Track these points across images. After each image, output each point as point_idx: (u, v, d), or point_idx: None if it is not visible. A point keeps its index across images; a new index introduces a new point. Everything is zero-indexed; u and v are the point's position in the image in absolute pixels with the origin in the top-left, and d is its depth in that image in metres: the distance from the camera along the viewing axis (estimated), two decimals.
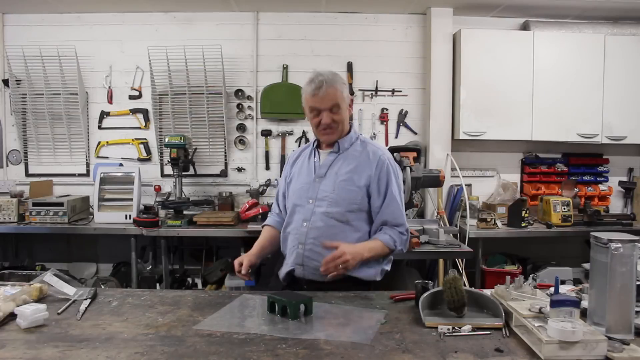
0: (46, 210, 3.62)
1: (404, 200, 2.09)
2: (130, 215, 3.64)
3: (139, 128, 4.22)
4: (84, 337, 1.43)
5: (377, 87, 4.22)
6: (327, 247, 1.84)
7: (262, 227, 2.24)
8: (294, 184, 2.08)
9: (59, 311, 1.63)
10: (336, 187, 1.95)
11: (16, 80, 4.09)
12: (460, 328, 1.46)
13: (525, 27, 4.14)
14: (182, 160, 3.73)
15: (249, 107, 4.23)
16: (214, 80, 4.07)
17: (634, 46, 3.96)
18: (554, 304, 1.38)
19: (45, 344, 1.38)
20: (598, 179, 4.33)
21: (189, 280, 4.03)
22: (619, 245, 1.38)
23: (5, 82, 4.12)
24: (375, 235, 1.98)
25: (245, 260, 1.97)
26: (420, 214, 4.11)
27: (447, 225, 3.72)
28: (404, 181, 3.15)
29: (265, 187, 4.12)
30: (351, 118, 2.06)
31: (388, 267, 2.06)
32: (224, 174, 4.26)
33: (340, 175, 1.96)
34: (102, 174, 3.81)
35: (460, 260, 3.64)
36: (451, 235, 3.37)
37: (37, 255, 4.16)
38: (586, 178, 4.32)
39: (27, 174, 4.24)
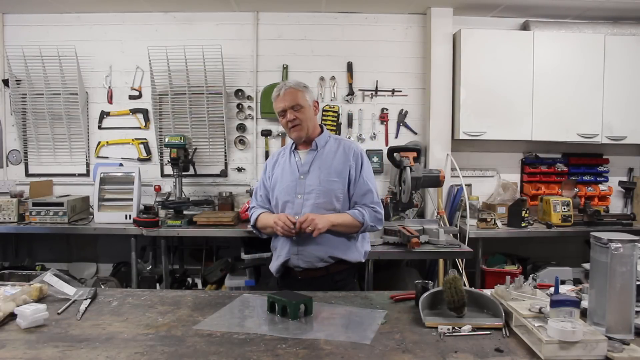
0: (46, 210, 3.62)
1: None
2: (130, 215, 3.63)
3: (139, 128, 4.22)
4: (84, 337, 1.43)
5: (377, 87, 4.21)
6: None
7: (258, 215, 2.25)
8: (279, 184, 2.23)
9: (59, 311, 1.63)
10: (321, 180, 2.15)
11: (16, 80, 4.09)
12: (460, 328, 1.46)
13: (525, 27, 4.13)
14: (182, 160, 3.72)
15: (249, 107, 4.23)
16: (214, 80, 4.07)
17: (634, 46, 3.96)
18: (554, 304, 1.38)
19: (45, 344, 1.38)
20: (598, 179, 4.33)
21: (189, 280, 4.03)
22: (619, 245, 1.38)
23: (5, 82, 4.12)
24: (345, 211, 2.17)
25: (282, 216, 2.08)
26: (420, 214, 4.11)
27: (447, 225, 3.72)
28: (403, 181, 3.19)
29: None
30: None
31: (368, 248, 2.31)
32: (224, 174, 4.26)
33: (323, 170, 2.17)
34: (102, 174, 3.80)
35: (460, 260, 3.64)
36: (451, 235, 3.37)
37: (37, 255, 4.16)
38: (586, 178, 4.31)
39: (27, 174, 4.23)
